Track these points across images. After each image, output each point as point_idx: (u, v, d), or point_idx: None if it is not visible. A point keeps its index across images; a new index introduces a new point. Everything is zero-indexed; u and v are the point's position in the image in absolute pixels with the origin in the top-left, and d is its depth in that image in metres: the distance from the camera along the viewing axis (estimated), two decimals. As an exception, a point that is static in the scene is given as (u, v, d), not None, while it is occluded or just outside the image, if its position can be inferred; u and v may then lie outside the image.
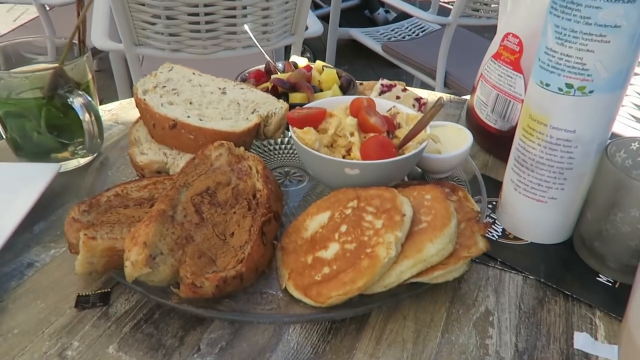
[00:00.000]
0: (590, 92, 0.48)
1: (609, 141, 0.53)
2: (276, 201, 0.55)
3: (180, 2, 1.38)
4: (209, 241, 0.49)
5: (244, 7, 1.45)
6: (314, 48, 3.32)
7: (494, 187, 0.66)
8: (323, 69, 0.79)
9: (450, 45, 2.09)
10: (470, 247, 0.50)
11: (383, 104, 0.66)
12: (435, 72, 2.16)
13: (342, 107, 0.62)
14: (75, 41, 0.66)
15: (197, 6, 1.39)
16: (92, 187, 0.62)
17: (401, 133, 0.61)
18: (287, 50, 1.79)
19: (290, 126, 0.59)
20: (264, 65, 0.80)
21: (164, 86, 0.68)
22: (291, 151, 0.72)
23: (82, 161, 0.69)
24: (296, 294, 0.48)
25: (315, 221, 0.53)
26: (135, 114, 0.69)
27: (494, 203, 0.65)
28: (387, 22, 3.37)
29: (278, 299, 0.49)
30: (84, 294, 0.50)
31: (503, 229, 0.61)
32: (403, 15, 2.67)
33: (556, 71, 0.49)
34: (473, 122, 0.77)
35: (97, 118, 0.62)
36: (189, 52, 1.52)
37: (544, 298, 0.52)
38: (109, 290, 0.51)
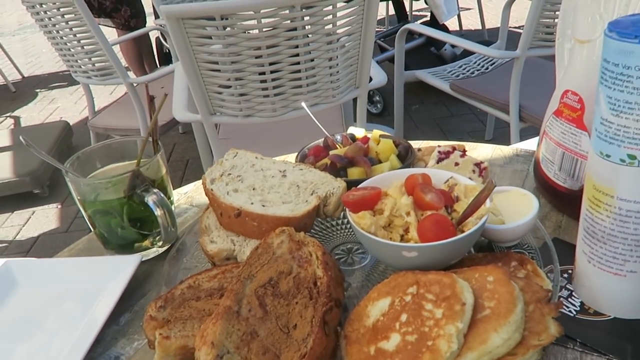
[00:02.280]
0: (658, 162, 0.45)
1: (691, 206, 0.49)
2: (337, 287, 0.56)
3: (247, 64, 1.46)
4: (272, 335, 0.51)
5: (307, 68, 1.51)
6: (383, 92, 3.36)
7: (569, 252, 0.62)
8: (380, 140, 0.80)
9: (521, 76, 2.02)
10: (540, 333, 0.47)
11: (440, 175, 0.65)
12: (508, 106, 2.09)
13: (398, 184, 0.63)
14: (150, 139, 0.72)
15: (263, 65, 1.46)
16: (169, 276, 0.67)
17: (460, 207, 0.60)
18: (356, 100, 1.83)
19: (346, 209, 0.61)
20: (322, 140, 0.83)
21: (229, 173, 0.73)
22: (352, 228, 0.73)
23: (161, 249, 0.74)
24: (360, 387, 0.48)
25: (376, 307, 0.53)
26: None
27: (570, 272, 0.61)
28: (455, 57, 3.34)
29: (343, 391, 0.49)
30: (162, 389, 0.53)
31: (581, 302, 0.57)
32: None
33: (615, 142, 0.46)
34: (541, 180, 0.74)
35: (169, 212, 0.67)
36: (260, 116, 1.61)
37: (632, 385, 0.48)
38: (185, 383, 0.53)
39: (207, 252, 0.66)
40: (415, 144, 0.87)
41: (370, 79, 1.81)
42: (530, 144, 1.25)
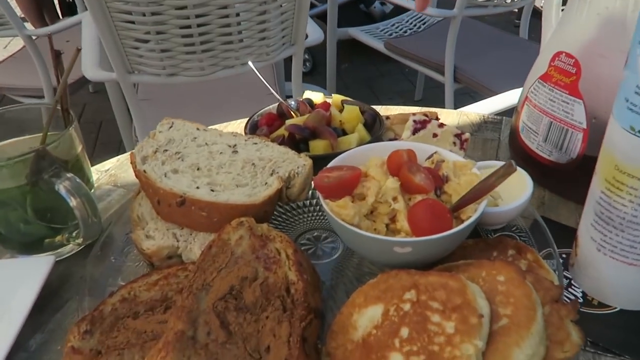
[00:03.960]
0: (702, 140, 0.38)
1: None
2: (314, 293, 0.46)
3: (170, 16, 1.28)
4: (241, 364, 0.40)
5: (239, 22, 1.35)
6: (312, 50, 3.21)
7: (558, 233, 0.56)
8: (343, 106, 0.69)
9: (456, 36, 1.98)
10: (562, 342, 0.40)
11: (422, 150, 0.56)
12: (443, 66, 2.06)
13: (378, 162, 0.52)
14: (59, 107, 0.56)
15: (188, 18, 1.29)
16: (93, 281, 0.53)
17: (450, 188, 0.51)
18: (287, 62, 1.70)
19: (320, 196, 0.50)
20: (275, 106, 0.70)
21: (166, 150, 0.59)
22: (319, 212, 0.62)
23: (81, 246, 0.59)
24: (355, 422, 0.39)
25: (365, 317, 0.44)
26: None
27: (564, 256, 0.55)
28: (384, 15, 3.26)
29: None
30: None
31: (583, 292, 0.51)
32: (400, 8, 2.56)
33: (655, 116, 0.39)
34: (520, 151, 0.67)
35: (89, 201, 0.52)
36: (186, 75, 1.44)
37: (654, 390, 0.42)
38: None
39: (142, 250, 0.53)
40: (380, 109, 0.77)
41: (306, 37, 1.69)
42: (475, 109, 1.19)
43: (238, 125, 0.85)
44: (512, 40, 2.28)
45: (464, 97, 2.75)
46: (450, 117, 0.82)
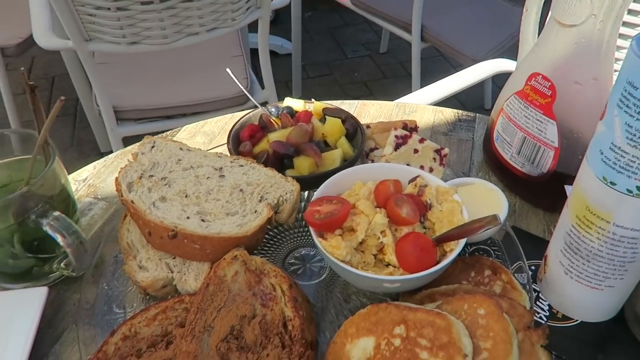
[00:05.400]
0: (666, 196, 0.42)
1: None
2: (309, 326, 0.49)
3: None
4: (247, 406, 0.43)
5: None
6: None
7: (529, 244, 0.61)
8: (324, 115, 0.70)
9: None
10: (534, 369, 0.45)
11: (405, 171, 0.58)
12: (410, 25, 2.04)
13: (365, 193, 0.54)
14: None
15: None
16: (89, 310, 0.54)
17: (433, 216, 0.54)
18: (253, 25, 1.65)
19: (312, 233, 0.52)
20: (257, 116, 0.70)
21: (151, 175, 0.58)
22: (306, 229, 0.64)
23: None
24: None
25: (357, 348, 0.47)
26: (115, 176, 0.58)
27: (533, 268, 0.60)
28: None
29: None
30: None
31: (549, 305, 0.56)
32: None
33: (626, 172, 0.42)
34: (493, 157, 0.71)
35: (78, 237, 0.52)
36: (148, 43, 1.39)
37: (609, 401, 0.49)
38: None
39: (137, 282, 0.54)
40: (357, 104, 0.78)
41: (272, -1, 1.64)
42: (441, 87, 1.20)
43: (215, 124, 0.84)
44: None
45: (434, 56, 2.75)
46: (426, 114, 0.84)
